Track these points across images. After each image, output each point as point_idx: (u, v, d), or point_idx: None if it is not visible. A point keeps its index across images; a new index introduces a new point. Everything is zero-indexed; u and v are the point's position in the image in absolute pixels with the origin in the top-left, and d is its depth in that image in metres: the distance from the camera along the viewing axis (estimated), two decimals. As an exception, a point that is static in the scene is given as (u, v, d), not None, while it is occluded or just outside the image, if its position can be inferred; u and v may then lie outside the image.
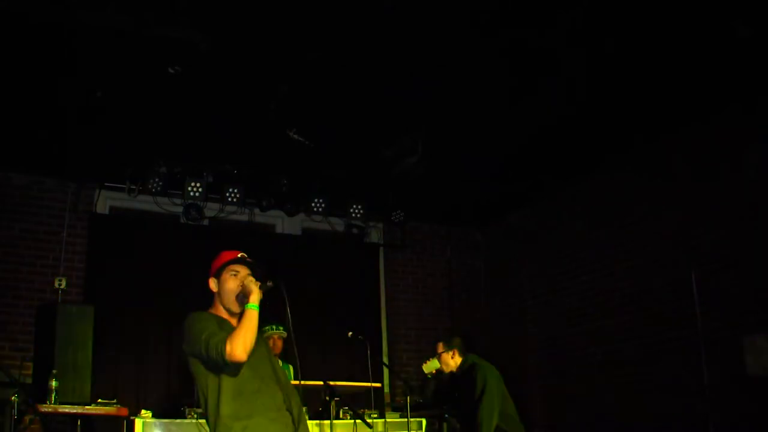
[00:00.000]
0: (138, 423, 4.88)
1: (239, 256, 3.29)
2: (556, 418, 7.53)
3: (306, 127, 6.04)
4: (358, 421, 5.22)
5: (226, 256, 3.31)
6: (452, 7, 4.56)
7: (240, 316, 3.16)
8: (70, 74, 5.20)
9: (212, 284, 3.29)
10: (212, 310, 3.27)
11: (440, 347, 5.34)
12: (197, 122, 6.00)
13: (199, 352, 3.02)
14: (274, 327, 5.99)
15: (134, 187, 7.09)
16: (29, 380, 5.68)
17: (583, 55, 5.12)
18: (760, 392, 5.36)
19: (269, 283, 3.18)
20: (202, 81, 5.33)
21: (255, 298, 3.12)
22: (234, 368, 3.04)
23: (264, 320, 3.38)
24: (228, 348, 2.94)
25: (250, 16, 4.61)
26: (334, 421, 5.09)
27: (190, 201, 7.18)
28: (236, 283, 3.22)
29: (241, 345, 2.97)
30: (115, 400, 5.27)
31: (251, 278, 3.18)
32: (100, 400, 5.23)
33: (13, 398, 4.53)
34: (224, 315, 3.24)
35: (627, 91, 5.62)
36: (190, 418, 4.95)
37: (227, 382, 3.04)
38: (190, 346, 3.07)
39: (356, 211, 7.87)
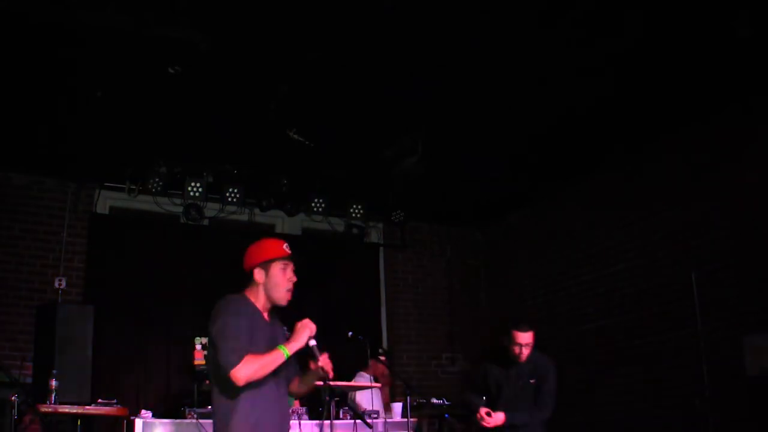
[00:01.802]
0: (138, 423, 4.88)
1: (289, 252, 3.25)
2: (556, 418, 7.51)
3: (306, 127, 6.03)
4: (358, 421, 5.23)
5: (275, 249, 3.26)
6: (452, 7, 4.56)
7: (271, 311, 3.26)
8: (70, 74, 5.20)
9: (258, 275, 3.22)
10: (251, 297, 3.23)
11: (531, 336, 5.13)
12: (197, 122, 5.99)
13: (217, 347, 3.00)
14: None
15: (134, 187, 7.08)
16: (29, 380, 5.68)
17: (582, 55, 5.12)
18: (760, 392, 5.36)
19: (312, 343, 3.18)
20: (202, 81, 5.32)
21: (295, 347, 3.12)
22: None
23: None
24: (237, 371, 2.94)
25: (250, 16, 4.61)
26: (334, 421, 5.09)
27: (190, 201, 7.17)
28: (286, 277, 3.22)
29: (251, 376, 2.98)
30: (115, 400, 5.27)
31: (310, 331, 3.18)
32: (100, 400, 5.23)
33: (13, 398, 4.54)
34: (261, 305, 3.23)
35: (626, 91, 5.62)
36: (190, 418, 4.96)
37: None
38: (214, 334, 3.05)
39: (356, 211, 7.86)
